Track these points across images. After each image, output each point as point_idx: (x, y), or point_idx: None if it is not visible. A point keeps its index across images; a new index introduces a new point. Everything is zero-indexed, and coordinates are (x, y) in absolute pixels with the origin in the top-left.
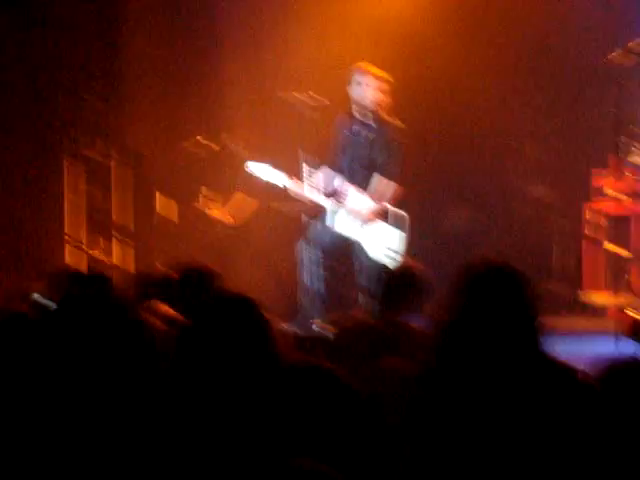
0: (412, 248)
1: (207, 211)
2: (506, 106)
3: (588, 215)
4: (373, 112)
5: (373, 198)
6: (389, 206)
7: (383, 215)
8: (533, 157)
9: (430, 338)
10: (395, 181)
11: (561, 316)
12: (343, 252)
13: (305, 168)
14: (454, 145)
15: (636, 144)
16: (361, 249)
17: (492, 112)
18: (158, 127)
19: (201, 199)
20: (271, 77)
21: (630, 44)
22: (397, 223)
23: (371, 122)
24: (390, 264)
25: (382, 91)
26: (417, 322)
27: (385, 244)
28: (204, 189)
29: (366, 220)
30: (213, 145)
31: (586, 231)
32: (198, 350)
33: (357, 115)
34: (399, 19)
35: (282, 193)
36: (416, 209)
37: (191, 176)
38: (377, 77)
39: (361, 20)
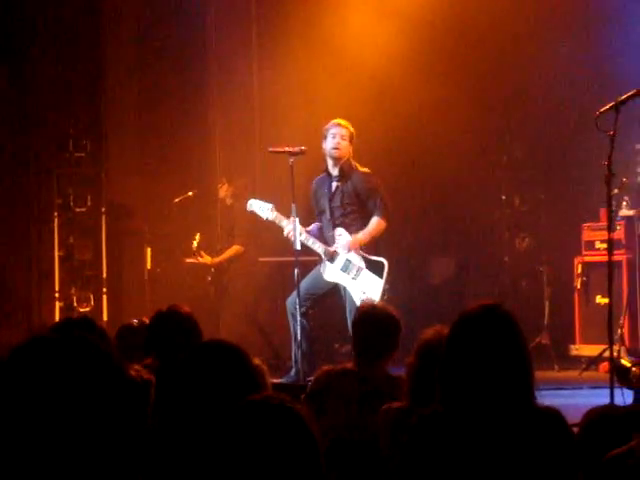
0: (401, 296)
1: (200, 259)
2: (489, 158)
3: (579, 268)
4: (342, 161)
5: (354, 245)
6: (368, 255)
7: (366, 262)
8: (523, 210)
9: (409, 384)
10: (384, 219)
11: (554, 370)
12: (335, 303)
13: (297, 221)
14: (440, 195)
15: (626, 197)
16: (351, 298)
17: (477, 164)
18: (148, 181)
19: (194, 247)
20: (259, 130)
21: (619, 97)
22: (376, 269)
23: (342, 172)
24: None
25: (346, 139)
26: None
27: (364, 290)
28: (198, 235)
29: (354, 269)
30: (192, 193)
31: (577, 285)
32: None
33: (332, 171)
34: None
35: (274, 247)
36: (404, 259)
37: (183, 229)
38: (341, 126)
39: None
